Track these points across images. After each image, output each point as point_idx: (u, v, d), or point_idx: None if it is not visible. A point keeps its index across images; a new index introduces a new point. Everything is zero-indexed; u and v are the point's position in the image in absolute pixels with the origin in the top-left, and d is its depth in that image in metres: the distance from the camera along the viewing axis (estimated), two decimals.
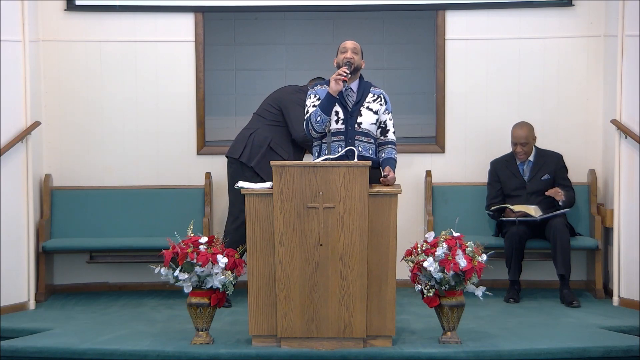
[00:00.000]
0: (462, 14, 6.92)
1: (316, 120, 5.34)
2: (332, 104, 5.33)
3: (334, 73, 5.32)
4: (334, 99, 5.33)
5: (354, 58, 5.40)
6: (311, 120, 5.37)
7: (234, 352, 5.06)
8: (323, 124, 5.34)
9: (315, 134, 5.40)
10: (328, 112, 5.33)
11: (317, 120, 5.34)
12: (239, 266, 5.15)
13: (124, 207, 6.77)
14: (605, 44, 6.73)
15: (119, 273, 6.89)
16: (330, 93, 5.31)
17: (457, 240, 5.11)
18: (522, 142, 6.51)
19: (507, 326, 5.66)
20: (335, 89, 5.30)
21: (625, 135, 6.29)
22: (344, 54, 5.40)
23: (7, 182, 6.19)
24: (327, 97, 5.33)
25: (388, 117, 5.52)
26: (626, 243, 6.32)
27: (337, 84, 5.29)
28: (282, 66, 9.10)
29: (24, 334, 5.57)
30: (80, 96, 6.88)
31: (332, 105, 5.34)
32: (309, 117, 5.39)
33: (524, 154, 6.53)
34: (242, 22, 8.90)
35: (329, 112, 5.33)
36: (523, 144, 6.51)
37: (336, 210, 5.04)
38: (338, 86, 5.29)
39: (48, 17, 6.78)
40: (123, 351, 5.12)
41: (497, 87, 6.93)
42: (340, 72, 5.29)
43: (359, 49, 5.46)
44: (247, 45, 8.97)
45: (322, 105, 5.34)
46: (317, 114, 5.34)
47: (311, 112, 5.40)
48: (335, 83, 5.29)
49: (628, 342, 5.25)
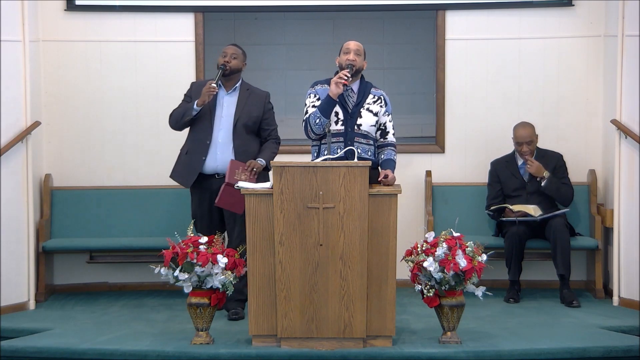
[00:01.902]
0: (462, 14, 6.92)
1: (315, 123, 5.34)
2: (331, 107, 5.32)
3: (335, 75, 5.32)
4: (333, 101, 5.31)
5: (356, 60, 5.39)
6: (310, 122, 5.37)
7: (234, 352, 5.06)
8: (321, 127, 5.34)
9: (314, 135, 5.40)
10: (327, 114, 5.32)
11: (315, 122, 5.34)
12: (239, 266, 5.15)
13: (124, 207, 6.77)
14: (605, 44, 6.73)
15: (119, 273, 6.89)
16: (330, 96, 5.31)
17: (457, 240, 5.11)
18: (527, 140, 6.51)
19: (507, 326, 5.66)
20: (336, 92, 5.29)
21: (625, 135, 6.29)
22: (347, 55, 5.39)
23: (7, 182, 6.19)
24: (327, 99, 5.32)
25: (388, 118, 5.51)
26: (626, 243, 6.32)
27: (338, 87, 5.27)
28: (282, 66, 9.10)
29: (24, 334, 5.56)
30: (80, 96, 6.88)
31: (332, 108, 5.33)
32: (308, 118, 5.38)
33: (530, 153, 6.53)
34: (242, 22, 8.90)
35: (328, 114, 5.33)
36: (528, 143, 6.51)
37: (336, 210, 5.04)
38: (338, 89, 5.28)
39: (48, 17, 6.78)
40: (123, 351, 5.12)
41: (497, 87, 6.93)
42: (341, 76, 5.28)
43: (362, 50, 5.45)
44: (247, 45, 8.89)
45: (322, 108, 5.33)
46: (316, 116, 5.33)
47: (310, 113, 5.39)
48: (335, 86, 5.27)
49: (628, 342, 5.25)
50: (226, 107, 5.87)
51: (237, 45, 6.02)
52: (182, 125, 5.89)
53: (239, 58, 5.91)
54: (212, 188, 5.77)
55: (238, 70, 5.91)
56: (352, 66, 5.35)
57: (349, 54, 5.39)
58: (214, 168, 5.80)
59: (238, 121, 5.82)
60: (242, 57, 5.94)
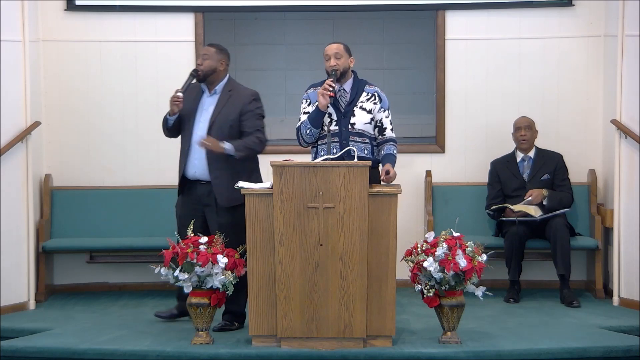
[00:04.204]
0: (462, 14, 6.92)
1: (306, 133, 5.37)
2: (321, 117, 5.32)
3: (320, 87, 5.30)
4: (322, 112, 5.31)
5: (338, 64, 5.37)
6: (301, 132, 5.39)
7: (234, 352, 5.05)
8: (313, 137, 5.36)
9: (305, 144, 5.42)
10: (317, 125, 5.33)
11: (306, 133, 5.37)
12: (239, 266, 5.15)
13: (124, 207, 6.77)
14: (605, 43, 6.73)
15: (119, 273, 6.89)
16: (319, 108, 5.30)
17: (457, 240, 5.11)
18: (526, 125, 6.51)
19: (507, 326, 5.65)
20: (324, 103, 5.27)
21: (625, 135, 6.29)
22: (328, 62, 5.37)
23: (7, 182, 6.19)
24: (316, 110, 5.32)
25: (384, 114, 5.47)
26: (626, 243, 6.32)
27: (325, 99, 5.26)
28: (282, 66, 9.10)
29: (24, 334, 5.56)
30: (80, 96, 6.88)
31: (321, 118, 5.32)
32: (299, 127, 5.40)
33: (528, 140, 6.52)
34: (242, 22, 8.90)
35: (318, 125, 5.33)
36: (527, 127, 6.51)
37: (336, 210, 5.03)
38: (326, 101, 5.26)
39: (48, 17, 6.79)
40: (123, 351, 5.12)
41: (497, 87, 6.94)
42: (326, 87, 5.25)
43: (342, 50, 5.40)
44: (247, 45, 8.98)
45: (311, 119, 5.33)
46: (307, 126, 5.35)
47: (302, 121, 5.39)
48: (322, 98, 5.26)
49: (628, 342, 5.25)
50: (205, 111, 5.54)
51: (214, 44, 5.65)
52: (168, 133, 5.67)
53: (212, 58, 5.53)
54: (196, 193, 5.54)
55: (213, 71, 5.54)
56: (335, 73, 5.33)
57: (329, 60, 5.37)
58: (192, 174, 5.54)
59: (213, 125, 5.47)
60: (216, 55, 5.54)
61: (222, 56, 5.58)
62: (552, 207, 6.42)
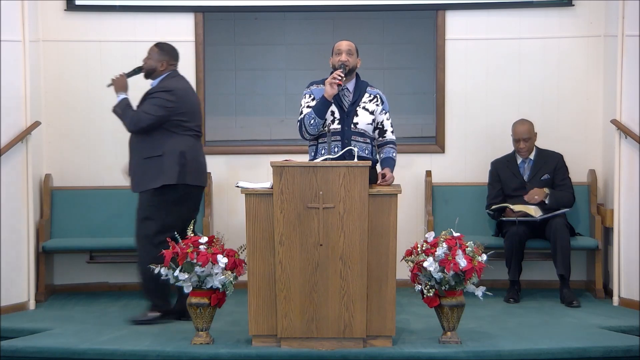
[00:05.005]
0: (462, 14, 6.92)
1: (309, 123, 5.33)
2: (326, 107, 5.31)
3: (329, 76, 5.31)
4: (328, 102, 5.30)
5: (349, 60, 5.37)
6: (304, 123, 5.36)
7: (234, 352, 5.06)
8: (317, 127, 5.33)
9: (308, 136, 5.39)
10: (322, 115, 5.31)
11: (310, 123, 5.32)
12: (239, 266, 5.15)
13: (124, 207, 6.75)
14: (605, 44, 6.73)
15: (119, 273, 6.89)
16: (325, 97, 5.30)
17: (457, 240, 5.11)
18: (525, 137, 6.52)
19: (507, 326, 5.66)
20: (331, 92, 5.27)
21: (625, 135, 6.29)
22: (339, 56, 5.38)
23: (7, 182, 6.19)
24: (322, 100, 5.31)
25: (385, 117, 5.50)
26: (626, 243, 6.32)
27: (332, 88, 5.26)
28: (282, 66, 9.10)
29: (24, 334, 5.56)
30: (80, 96, 6.88)
31: (327, 108, 5.31)
32: (303, 119, 5.37)
33: (527, 150, 6.53)
34: (242, 22, 8.90)
35: (323, 115, 5.31)
36: (526, 139, 6.52)
37: (336, 210, 5.03)
38: (333, 90, 5.26)
39: (48, 17, 6.79)
40: (123, 351, 5.12)
41: (497, 87, 6.94)
42: (335, 76, 5.25)
43: (353, 49, 5.43)
44: (247, 45, 8.97)
45: (316, 108, 5.32)
46: (311, 116, 5.32)
47: (305, 113, 5.38)
48: (330, 87, 5.26)
49: (628, 342, 5.25)
50: None
51: (160, 44, 5.92)
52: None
53: (153, 58, 5.85)
54: None
55: (154, 70, 5.86)
56: (344, 66, 5.34)
57: (341, 54, 5.38)
58: None
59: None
60: (157, 56, 5.84)
61: (163, 57, 5.87)
62: (554, 205, 6.42)
